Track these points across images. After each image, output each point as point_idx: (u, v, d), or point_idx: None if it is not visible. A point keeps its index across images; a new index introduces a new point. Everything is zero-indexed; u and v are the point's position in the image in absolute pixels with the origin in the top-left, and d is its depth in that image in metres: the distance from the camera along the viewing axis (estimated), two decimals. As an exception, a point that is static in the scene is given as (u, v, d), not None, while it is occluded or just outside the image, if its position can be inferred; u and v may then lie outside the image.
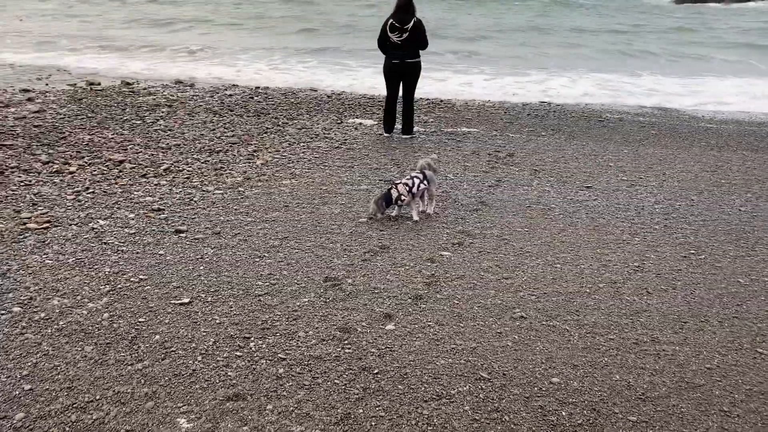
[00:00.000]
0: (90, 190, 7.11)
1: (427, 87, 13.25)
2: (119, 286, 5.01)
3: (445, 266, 5.58)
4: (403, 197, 6.53)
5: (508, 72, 17.32)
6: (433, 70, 16.51)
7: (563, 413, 3.76)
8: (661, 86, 16.01)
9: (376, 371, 4.06)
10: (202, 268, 5.37)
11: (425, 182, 6.77)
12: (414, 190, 6.66)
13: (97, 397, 3.71)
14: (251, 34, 23.49)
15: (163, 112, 11.13)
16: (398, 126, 10.54)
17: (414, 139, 10.28)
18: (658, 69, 18.42)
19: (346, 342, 4.37)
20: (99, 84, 13.54)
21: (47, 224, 6.12)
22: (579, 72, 17.42)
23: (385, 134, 10.46)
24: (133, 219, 6.36)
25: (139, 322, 4.53)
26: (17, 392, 3.74)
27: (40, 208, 6.52)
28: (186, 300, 4.82)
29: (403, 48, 10.01)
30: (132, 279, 5.13)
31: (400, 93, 10.36)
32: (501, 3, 38.39)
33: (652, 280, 5.50)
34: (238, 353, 4.20)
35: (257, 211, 6.74)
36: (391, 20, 10.01)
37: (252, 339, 4.37)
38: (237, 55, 18.92)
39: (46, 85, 13.50)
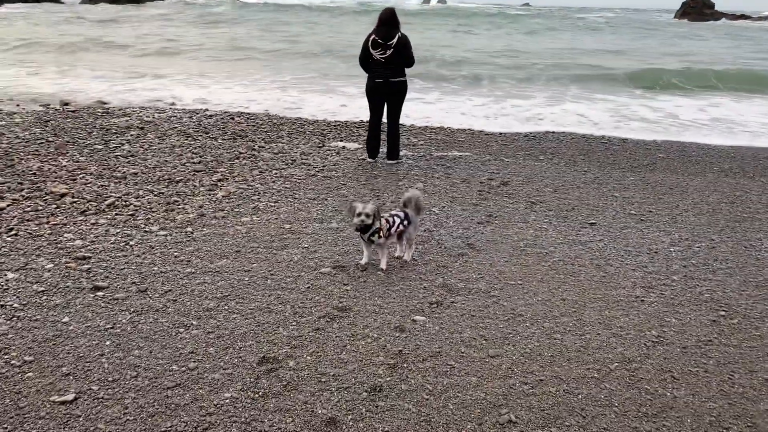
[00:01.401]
0: (13, 232, 5.84)
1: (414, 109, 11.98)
2: (-8, 372, 3.72)
3: (416, 337, 4.26)
4: (380, 233, 5.21)
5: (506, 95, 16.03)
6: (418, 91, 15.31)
7: None
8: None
9: None
10: (108, 343, 4.06)
11: (405, 222, 5.46)
12: (392, 230, 5.36)
13: None
14: (261, 62, 21.73)
15: (131, 135, 9.88)
16: (384, 150, 9.25)
17: (400, 165, 8.99)
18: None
19: (268, 467, 3.06)
20: (69, 104, 12.32)
21: (-60, 279, 4.85)
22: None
23: (369, 159, 9.17)
24: (49, 271, 5.07)
25: (-4, 433, 3.23)
26: None
27: (-59, 256, 5.25)
28: (70, 396, 3.51)
29: (386, 66, 8.73)
30: (14, 362, 3.83)
31: (385, 115, 9.09)
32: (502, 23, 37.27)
33: (677, 358, 4.16)
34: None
35: (201, 258, 5.44)
36: (373, 36, 8.74)
37: (140, 463, 3.06)
38: (231, 78, 17.66)
39: (17, 105, 12.27)
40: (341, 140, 10.38)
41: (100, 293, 4.73)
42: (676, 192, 8.10)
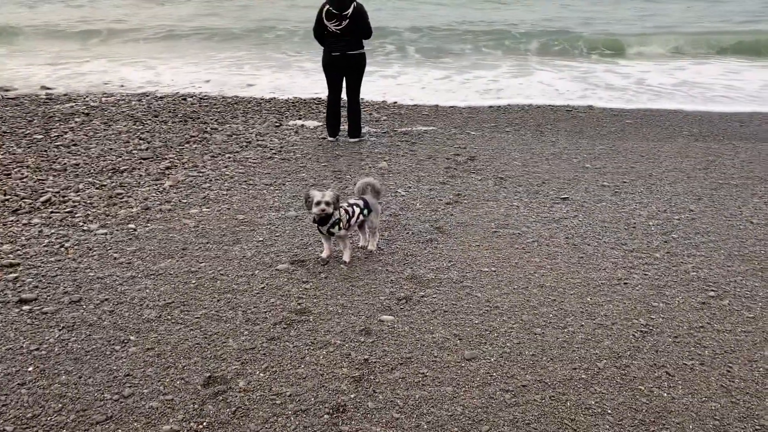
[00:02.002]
0: (-68, 238, 5.15)
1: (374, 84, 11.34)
2: None
3: (384, 341, 3.76)
4: (341, 224, 4.68)
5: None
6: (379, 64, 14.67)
7: None
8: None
9: None
10: (30, 369, 3.47)
11: (365, 211, 4.93)
12: (352, 221, 4.82)
13: None
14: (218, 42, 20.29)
15: (75, 122, 9.10)
16: (345, 128, 8.67)
17: (362, 142, 8.41)
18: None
19: None
20: (9, 90, 11.40)
21: None
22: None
23: (329, 138, 8.58)
24: (-32, 283, 4.43)
25: None
26: None
27: None
28: (-23, 442, 2.94)
29: (342, 38, 8.09)
30: None
31: (344, 91, 8.48)
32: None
33: (669, 351, 3.73)
34: None
35: (143, 259, 4.84)
36: (327, 6, 8.07)
37: None
38: (181, 58, 16.65)
39: (-49, 94, 11.30)
40: (300, 118, 9.74)
41: (26, 307, 4.11)
42: (647, 160, 7.70)
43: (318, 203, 4.56)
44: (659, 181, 6.86)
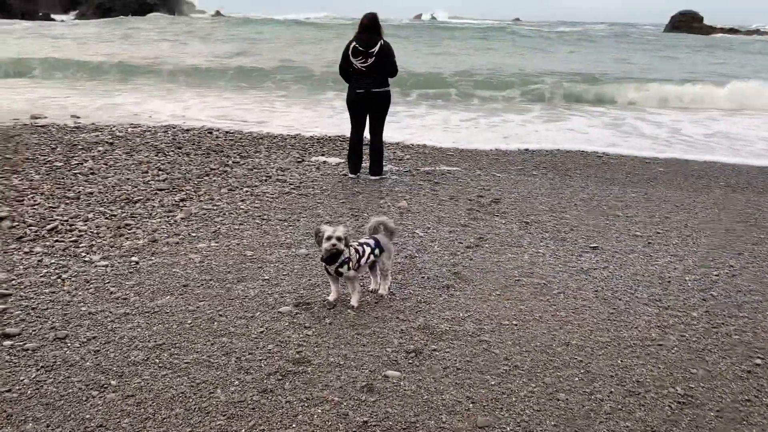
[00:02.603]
0: (-70, 263, 4.89)
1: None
2: None
3: (387, 402, 3.32)
4: (350, 264, 4.29)
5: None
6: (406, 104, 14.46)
7: None
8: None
9: None
10: (-4, 414, 3.11)
11: (377, 251, 4.53)
12: (362, 261, 4.43)
13: None
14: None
15: (98, 151, 8.95)
16: (367, 165, 8.36)
17: (383, 181, 8.08)
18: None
19: None
20: (39, 118, 11.40)
21: None
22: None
23: (350, 175, 8.26)
24: (-46, 313, 4.12)
25: None
26: None
27: None
28: None
29: (368, 75, 7.84)
30: None
31: (367, 128, 8.20)
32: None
33: (711, 426, 3.23)
34: None
35: (141, 295, 4.49)
36: (353, 43, 7.85)
37: None
38: (213, 93, 16.66)
39: (-16, 120, 11.33)
40: (323, 155, 9.47)
41: (7, 342, 3.78)
42: (682, 210, 7.20)
43: (329, 238, 4.19)
44: (695, 233, 6.35)
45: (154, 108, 13.55)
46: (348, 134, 8.37)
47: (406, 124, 12.54)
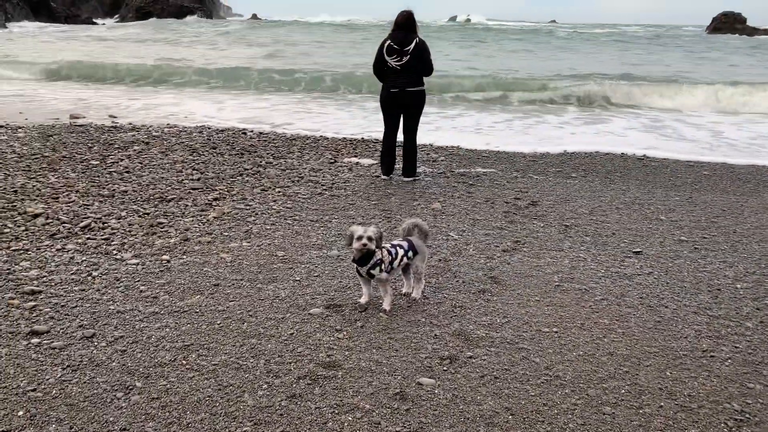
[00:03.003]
0: (-36, 259, 4.87)
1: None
2: None
3: (421, 411, 3.13)
4: (382, 266, 4.12)
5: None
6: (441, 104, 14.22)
7: None
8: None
9: None
10: (20, 414, 3.02)
11: (410, 253, 4.35)
12: (394, 263, 4.25)
13: None
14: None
15: (134, 150, 8.96)
16: (400, 166, 8.18)
17: (416, 182, 7.89)
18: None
19: None
20: (78, 118, 11.51)
21: None
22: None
23: (383, 177, 8.09)
24: (-16, 309, 4.07)
25: None
26: None
27: None
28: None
29: (403, 74, 7.66)
30: None
31: (401, 128, 8.02)
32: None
33: (774, 448, 2.96)
34: None
35: (171, 294, 4.39)
36: (388, 41, 7.69)
37: None
38: (249, 94, 16.67)
39: (26, 119, 11.47)
40: (356, 156, 9.32)
41: (35, 340, 3.70)
42: (729, 214, 6.85)
43: (359, 237, 4.03)
44: (745, 239, 6.02)
45: (191, 109, 13.61)
46: (381, 135, 8.21)
47: (440, 125, 12.33)
